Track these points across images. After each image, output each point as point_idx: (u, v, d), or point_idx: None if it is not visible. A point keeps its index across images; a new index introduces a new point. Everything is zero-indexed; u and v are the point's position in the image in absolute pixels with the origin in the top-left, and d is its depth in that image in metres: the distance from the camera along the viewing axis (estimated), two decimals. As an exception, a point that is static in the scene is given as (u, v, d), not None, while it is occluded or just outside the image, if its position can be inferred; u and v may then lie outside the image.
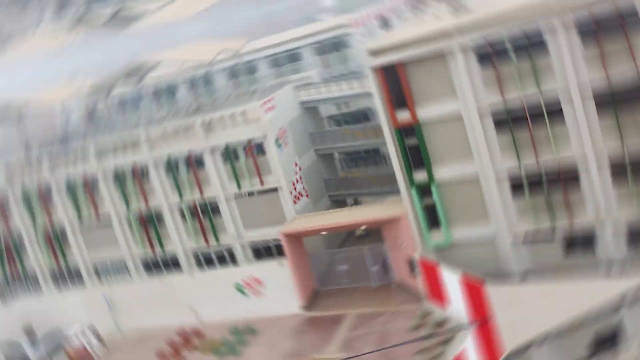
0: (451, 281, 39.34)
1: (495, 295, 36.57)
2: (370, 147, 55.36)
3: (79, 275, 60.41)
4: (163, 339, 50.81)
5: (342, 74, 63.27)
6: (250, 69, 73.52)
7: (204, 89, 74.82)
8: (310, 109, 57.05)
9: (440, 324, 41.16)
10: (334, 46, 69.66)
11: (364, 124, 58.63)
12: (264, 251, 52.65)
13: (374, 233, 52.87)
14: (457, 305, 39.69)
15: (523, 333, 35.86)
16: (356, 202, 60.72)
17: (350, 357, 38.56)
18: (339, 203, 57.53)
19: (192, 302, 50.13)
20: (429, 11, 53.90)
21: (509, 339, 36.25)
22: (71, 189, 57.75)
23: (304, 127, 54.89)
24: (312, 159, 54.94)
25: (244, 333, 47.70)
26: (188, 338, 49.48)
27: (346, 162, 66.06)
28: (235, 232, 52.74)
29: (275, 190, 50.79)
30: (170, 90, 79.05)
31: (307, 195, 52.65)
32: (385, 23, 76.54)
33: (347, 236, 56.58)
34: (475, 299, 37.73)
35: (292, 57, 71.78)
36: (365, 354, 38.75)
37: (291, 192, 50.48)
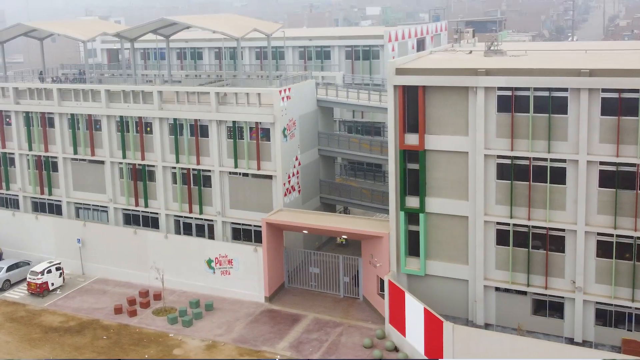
0: (414, 311, 39.30)
1: (454, 335, 36.49)
2: (373, 161, 55.31)
3: (59, 209, 60.43)
4: (124, 294, 50.89)
5: (366, 83, 63.37)
6: (280, 54, 73.71)
7: (229, 61, 75.03)
8: (325, 109, 57.05)
9: (394, 349, 41.14)
10: (364, 54, 69.91)
11: (373, 138, 58.62)
12: (243, 233, 52.64)
13: (354, 245, 52.92)
14: (414, 335, 39.65)
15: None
16: (345, 210, 60.85)
17: None
18: (329, 206, 57.58)
19: (160, 264, 50.06)
20: (465, 45, 54.14)
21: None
22: (74, 125, 57.80)
23: (314, 125, 54.88)
24: (314, 157, 54.93)
25: (201, 307, 47.70)
26: (147, 298, 49.45)
27: (347, 169, 66.17)
28: (220, 209, 52.73)
29: (269, 177, 50.79)
30: (197, 55, 79.36)
31: (299, 191, 52.65)
32: (421, 44, 76.79)
33: (328, 241, 56.62)
34: (433, 334, 37.70)
35: (323, 54, 72.00)
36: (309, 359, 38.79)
37: (284, 184, 50.48)
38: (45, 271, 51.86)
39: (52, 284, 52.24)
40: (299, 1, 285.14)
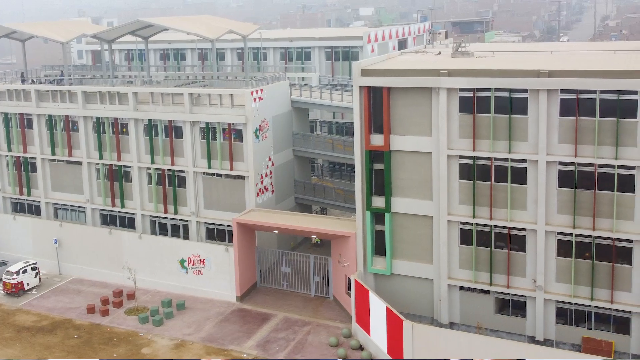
0: (378, 310, 39.69)
1: (414, 333, 36.88)
2: (346, 161, 55.68)
3: (38, 210, 60.84)
4: (99, 294, 51.30)
5: (343, 84, 63.75)
6: (262, 55, 74.12)
7: (207, 62, 75.47)
8: (300, 110, 57.43)
9: (358, 348, 41.54)
10: (344, 55, 70.33)
11: (349, 138, 58.99)
12: (217, 234, 53.05)
13: (329, 245, 53.16)
14: (378, 334, 40.05)
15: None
16: (322, 211, 61.23)
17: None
18: (304, 207, 57.99)
19: (135, 264, 50.49)
20: (438, 46, 54.57)
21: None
22: (52, 126, 58.23)
23: (289, 126, 55.27)
24: (288, 157, 55.34)
25: (173, 306, 48.11)
26: (121, 298, 49.84)
27: (323, 169, 66.56)
28: (194, 209, 53.16)
29: (242, 178, 51.21)
30: (179, 56, 79.83)
31: (272, 192, 53.05)
32: (402, 45, 77.14)
33: (303, 241, 57.01)
34: (395, 333, 38.09)
35: (304, 55, 72.39)
36: None
37: (257, 184, 50.89)
38: (21, 271, 52.25)
39: (28, 284, 52.64)
40: (294, 2, 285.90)
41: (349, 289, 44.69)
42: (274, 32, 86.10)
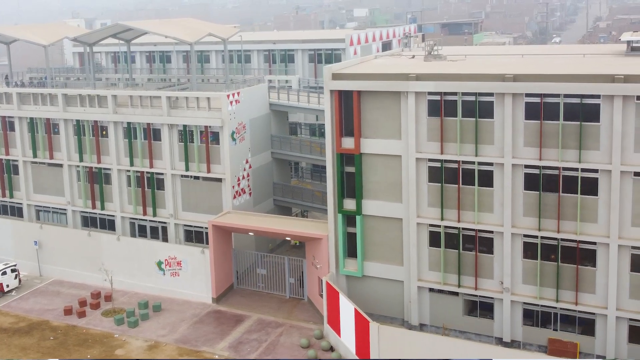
0: (347, 311, 40.10)
1: (379, 335, 37.27)
2: (324, 163, 55.89)
3: (20, 212, 61.26)
4: (77, 295, 51.69)
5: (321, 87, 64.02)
6: (246, 58, 74.48)
7: (197, 64, 75.76)
8: (279, 112, 57.78)
9: (329, 349, 41.94)
10: (327, 57, 70.65)
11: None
12: (195, 235, 53.47)
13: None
14: (347, 335, 40.45)
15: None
16: (303, 213, 61.60)
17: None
18: (283, 209, 58.37)
19: (114, 265, 50.92)
20: (412, 49, 55.02)
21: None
22: (33, 129, 58.66)
23: (267, 128, 55.66)
24: (266, 160, 55.74)
25: (149, 308, 48.52)
26: (98, 299, 50.26)
27: (304, 172, 66.91)
28: (173, 211, 53.59)
29: (219, 180, 51.62)
30: (165, 58, 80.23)
31: (250, 194, 53.46)
32: (387, 48, 77.53)
33: (282, 243, 57.38)
34: (362, 334, 38.49)
35: (287, 57, 72.73)
36: None
37: (233, 187, 51.29)
38: (1, 273, 52.64)
39: (7, 286, 53.03)
40: (290, 2, 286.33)
41: (322, 291, 45.09)
42: (258, 35, 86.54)
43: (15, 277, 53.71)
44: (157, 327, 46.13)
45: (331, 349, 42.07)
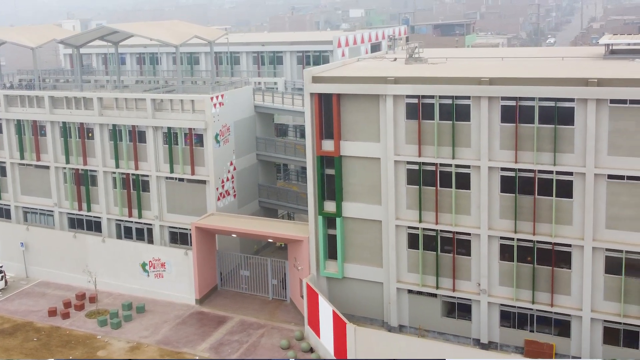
0: (326, 313, 40.40)
1: (356, 336, 37.56)
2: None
3: (8, 213, 61.56)
4: (63, 297, 51.97)
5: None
6: (235, 59, 74.75)
7: (186, 66, 76.09)
8: (264, 114, 58.04)
9: (309, 350, 42.24)
10: (315, 59, 70.86)
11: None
12: (179, 237, 53.77)
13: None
14: (326, 337, 40.75)
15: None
16: (289, 215, 61.85)
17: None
18: (269, 211, 58.66)
19: (99, 267, 51.23)
20: (395, 51, 55.30)
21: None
22: (20, 131, 58.96)
23: (252, 130, 55.93)
24: (251, 162, 56.02)
25: (132, 309, 48.82)
26: (82, 301, 50.56)
27: (290, 174, 67.17)
28: (158, 213, 53.89)
29: (203, 182, 51.91)
30: (155, 60, 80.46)
31: (234, 196, 53.75)
32: (376, 49, 77.76)
33: (267, 244, 57.65)
34: (340, 336, 38.78)
35: (276, 59, 72.95)
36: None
37: (217, 189, 51.58)
38: (-13, 274, 53.05)
39: (-7, 287, 53.47)
40: (287, 3, 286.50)
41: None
42: (248, 36, 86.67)
43: (1, 279, 53.98)
44: (139, 329, 46.42)
45: (311, 350, 42.36)
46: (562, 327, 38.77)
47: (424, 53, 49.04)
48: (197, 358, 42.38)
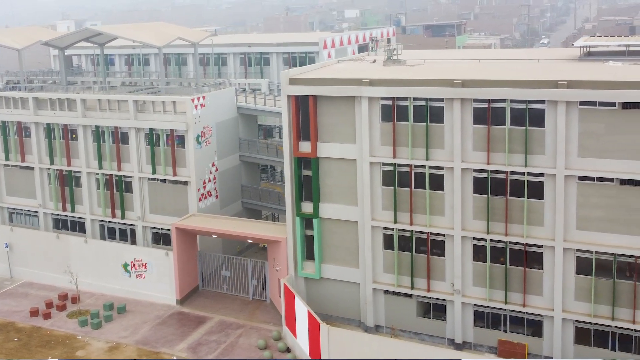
0: (301, 313, 40.70)
1: (329, 336, 37.85)
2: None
3: (-7, 214, 61.98)
4: (45, 297, 52.28)
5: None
6: (223, 61, 75.05)
7: (174, 67, 76.43)
8: (247, 116, 58.33)
9: (285, 350, 42.54)
10: (301, 60, 71.18)
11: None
12: (162, 238, 54.08)
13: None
14: (302, 337, 41.05)
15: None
16: (273, 216, 62.13)
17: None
18: (253, 212, 58.92)
19: (82, 267, 51.53)
20: (377, 53, 55.58)
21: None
22: (5, 132, 59.28)
23: (234, 132, 56.23)
24: (234, 163, 56.32)
25: (113, 310, 49.12)
26: (64, 301, 50.86)
27: (275, 175, 67.48)
28: (140, 213, 54.20)
29: (185, 183, 52.22)
30: (144, 61, 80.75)
31: (216, 197, 54.05)
32: (364, 50, 77.98)
33: (250, 245, 57.92)
34: (315, 336, 39.09)
35: (262, 60, 73.26)
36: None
37: (199, 190, 51.88)
38: (-30, 275, 53.36)
39: (-23, 288, 53.76)
40: (284, 3, 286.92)
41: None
42: (235, 37, 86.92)
43: (-15, 280, 54.36)
44: (119, 329, 46.73)
45: (287, 350, 42.66)
46: (535, 327, 39.08)
47: (403, 55, 49.33)
48: (174, 358, 42.69)
